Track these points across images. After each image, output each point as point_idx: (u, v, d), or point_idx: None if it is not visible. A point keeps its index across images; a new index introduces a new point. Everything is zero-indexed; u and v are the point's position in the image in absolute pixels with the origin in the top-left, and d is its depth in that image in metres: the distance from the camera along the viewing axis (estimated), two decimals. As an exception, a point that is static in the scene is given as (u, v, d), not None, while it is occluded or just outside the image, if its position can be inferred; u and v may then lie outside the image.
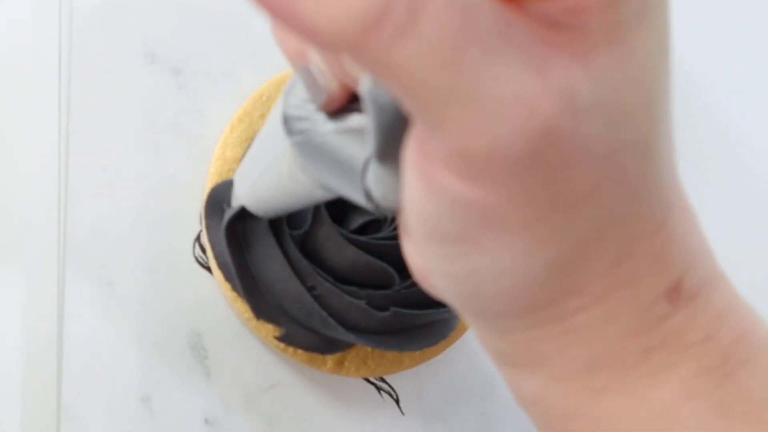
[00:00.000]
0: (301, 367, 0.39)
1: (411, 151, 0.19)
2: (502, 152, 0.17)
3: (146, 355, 0.38)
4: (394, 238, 0.36)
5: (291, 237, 0.35)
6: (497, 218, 0.18)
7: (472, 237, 0.19)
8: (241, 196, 0.33)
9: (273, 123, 0.27)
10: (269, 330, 0.37)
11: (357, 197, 0.23)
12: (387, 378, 0.41)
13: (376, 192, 0.22)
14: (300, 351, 0.38)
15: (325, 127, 0.24)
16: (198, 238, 0.39)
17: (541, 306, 0.20)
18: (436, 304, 0.37)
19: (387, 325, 0.36)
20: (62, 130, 0.38)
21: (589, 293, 0.20)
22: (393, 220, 0.37)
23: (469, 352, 0.42)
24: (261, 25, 0.40)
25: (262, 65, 0.40)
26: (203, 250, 0.39)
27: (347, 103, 0.23)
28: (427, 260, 0.21)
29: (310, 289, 0.36)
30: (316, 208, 0.36)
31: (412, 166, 0.19)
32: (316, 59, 0.22)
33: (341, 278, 0.36)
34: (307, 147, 0.25)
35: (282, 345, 0.37)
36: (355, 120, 0.23)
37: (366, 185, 0.23)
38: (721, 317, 0.21)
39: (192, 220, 0.39)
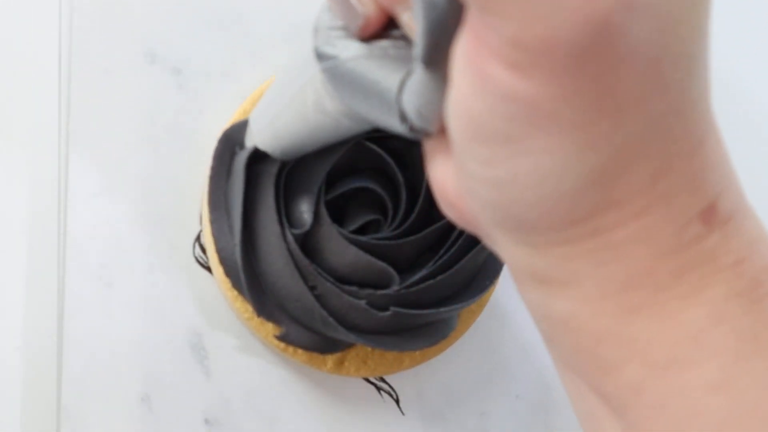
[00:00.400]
0: (301, 367, 0.40)
1: (463, 45, 0.19)
2: (558, 43, 0.17)
3: (146, 355, 0.38)
4: (394, 238, 0.36)
5: (293, 236, 0.35)
6: (545, 116, 0.18)
7: (518, 136, 0.19)
8: (258, 135, 0.32)
9: (299, 55, 0.27)
10: (269, 330, 0.37)
11: (388, 121, 0.23)
12: (387, 378, 0.41)
13: (412, 111, 0.22)
14: (300, 351, 0.38)
15: (357, 51, 0.24)
16: (198, 238, 0.39)
17: (579, 219, 0.20)
18: (436, 304, 0.37)
19: (387, 325, 0.36)
20: (62, 130, 0.38)
21: (627, 208, 0.20)
22: (393, 220, 0.37)
23: (469, 352, 0.42)
24: (261, 25, 0.40)
25: (262, 65, 0.40)
26: (203, 250, 0.39)
27: (381, 30, 0.23)
28: (465, 173, 0.21)
29: (311, 289, 0.36)
30: (317, 209, 0.36)
31: (463, 63, 0.19)
32: None
33: (341, 278, 0.36)
34: (338, 72, 0.25)
35: (282, 345, 0.37)
36: (389, 44, 0.23)
37: (401, 106, 0.23)
38: (753, 244, 0.21)
39: (192, 220, 0.39)
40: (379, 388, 0.41)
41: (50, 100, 0.38)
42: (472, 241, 0.37)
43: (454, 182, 0.22)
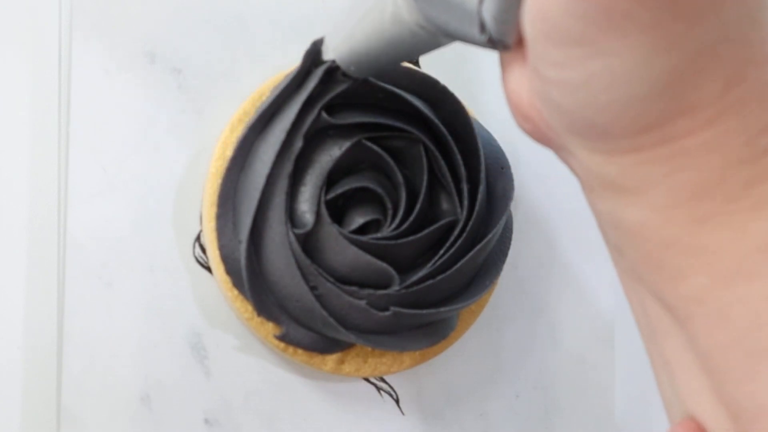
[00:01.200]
0: (301, 367, 0.40)
1: None
2: None
3: (146, 355, 0.38)
4: (394, 238, 0.36)
5: (294, 236, 0.35)
6: (619, 16, 0.19)
7: (592, 38, 0.19)
8: (334, 50, 0.33)
9: None
10: (269, 330, 0.37)
11: (467, 31, 0.24)
12: (387, 378, 0.41)
13: (491, 20, 0.23)
14: (300, 351, 0.38)
15: None
16: (198, 238, 0.39)
17: (650, 125, 0.20)
18: (436, 304, 0.37)
19: (387, 325, 0.36)
20: (62, 130, 0.38)
21: (699, 116, 0.20)
22: (393, 220, 0.37)
23: (470, 352, 0.42)
24: (261, 25, 0.40)
25: (262, 65, 0.40)
26: (203, 250, 0.39)
27: None
28: (540, 77, 0.21)
29: (312, 289, 0.36)
30: (318, 209, 0.36)
31: None
32: None
33: (342, 278, 0.36)
34: None
35: (282, 345, 0.37)
36: None
37: (481, 15, 0.23)
38: None
39: (192, 220, 0.39)
40: (379, 388, 0.41)
41: (50, 100, 0.38)
42: (472, 241, 0.37)
43: (529, 92, 0.23)
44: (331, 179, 0.36)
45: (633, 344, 0.47)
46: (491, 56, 0.37)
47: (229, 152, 0.37)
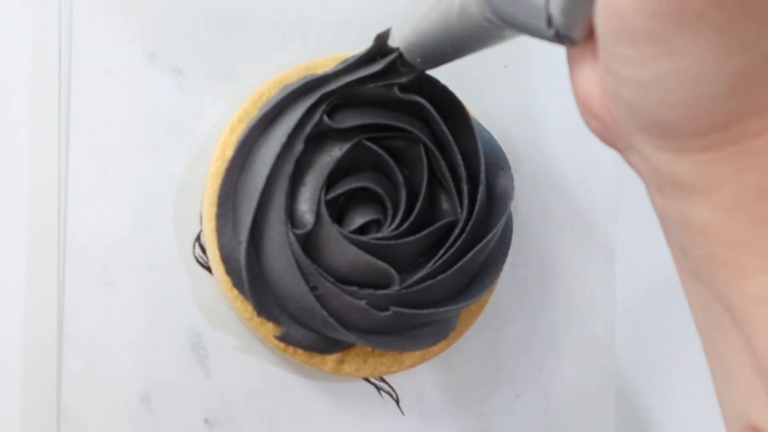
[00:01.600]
0: (301, 367, 0.40)
1: None
2: None
3: (146, 355, 0.38)
4: (394, 238, 0.36)
5: (294, 236, 0.35)
6: (692, 15, 0.19)
7: (664, 36, 0.19)
8: (401, 40, 0.33)
9: None
10: (269, 330, 0.37)
11: (534, 25, 0.24)
12: (387, 378, 0.41)
13: (558, 14, 0.23)
14: (300, 351, 0.38)
15: None
16: (198, 238, 0.39)
17: (721, 124, 0.20)
18: (436, 304, 0.37)
19: (387, 325, 0.36)
20: (62, 130, 0.38)
21: None
22: (393, 220, 0.37)
23: (469, 353, 0.42)
24: (261, 25, 0.40)
25: (262, 66, 0.40)
26: (203, 250, 0.39)
27: None
28: (611, 75, 0.22)
29: (312, 289, 0.36)
30: (318, 209, 0.36)
31: None
32: None
33: (342, 278, 0.36)
34: None
35: (282, 345, 0.37)
36: None
37: (549, 9, 0.23)
38: None
39: (192, 220, 0.39)
40: (379, 388, 0.41)
41: (50, 100, 0.38)
42: (472, 241, 0.37)
43: (599, 90, 0.23)
44: (331, 179, 0.36)
45: (633, 344, 0.47)
46: (492, 56, 0.37)
47: (229, 152, 0.37)
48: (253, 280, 0.36)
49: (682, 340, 0.49)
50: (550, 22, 0.24)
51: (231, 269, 0.37)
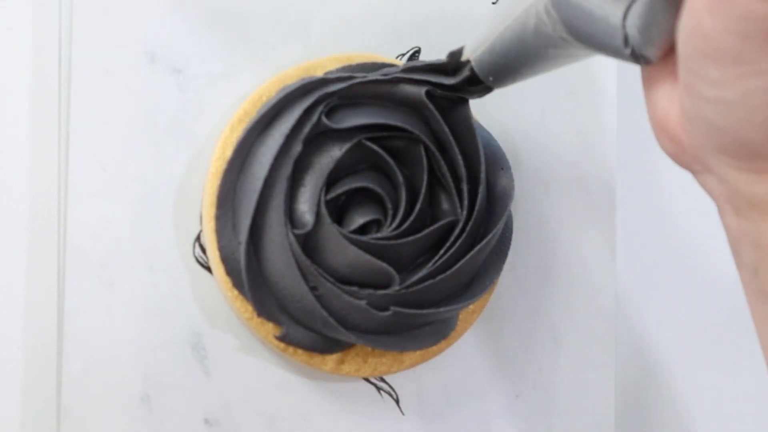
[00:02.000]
0: (301, 367, 0.40)
1: None
2: None
3: (146, 355, 0.38)
4: (394, 238, 0.36)
5: (294, 237, 0.35)
6: None
7: (752, 56, 0.19)
8: (473, 55, 0.33)
9: None
10: (269, 330, 0.37)
11: (610, 45, 0.24)
12: (387, 378, 0.41)
13: (635, 33, 0.23)
14: (300, 351, 0.38)
15: None
16: (198, 238, 0.39)
17: None
18: (436, 304, 0.37)
19: (387, 325, 0.36)
20: (62, 130, 0.38)
21: None
22: (393, 220, 0.37)
23: (469, 352, 0.42)
24: (261, 25, 0.40)
25: (262, 66, 0.40)
26: (203, 250, 0.39)
27: None
28: (693, 95, 0.21)
29: (312, 289, 0.36)
30: (318, 209, 0.36)
31: None
32: None
33: (342, 278, 0.36)
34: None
35: (282, 345, 0.37)
36: None
37: (626, 29, 0.23)
38: None
39: (192, 220, 0.39)
40: (379, 388, 0.41)
41: (50, 100, 0.38)
42: (472, 241, 0.37)
43: (677, 111, 0.23)
44: (331, 179, 0.36)
45: (633, 344, 0.47)
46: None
47: (229, 152, 0.37)
48: (253, 280, 0.36)
49: (682, 340, 0.49)
50: (626, 41, 0.23)
51: (231, 270, 0.37)
